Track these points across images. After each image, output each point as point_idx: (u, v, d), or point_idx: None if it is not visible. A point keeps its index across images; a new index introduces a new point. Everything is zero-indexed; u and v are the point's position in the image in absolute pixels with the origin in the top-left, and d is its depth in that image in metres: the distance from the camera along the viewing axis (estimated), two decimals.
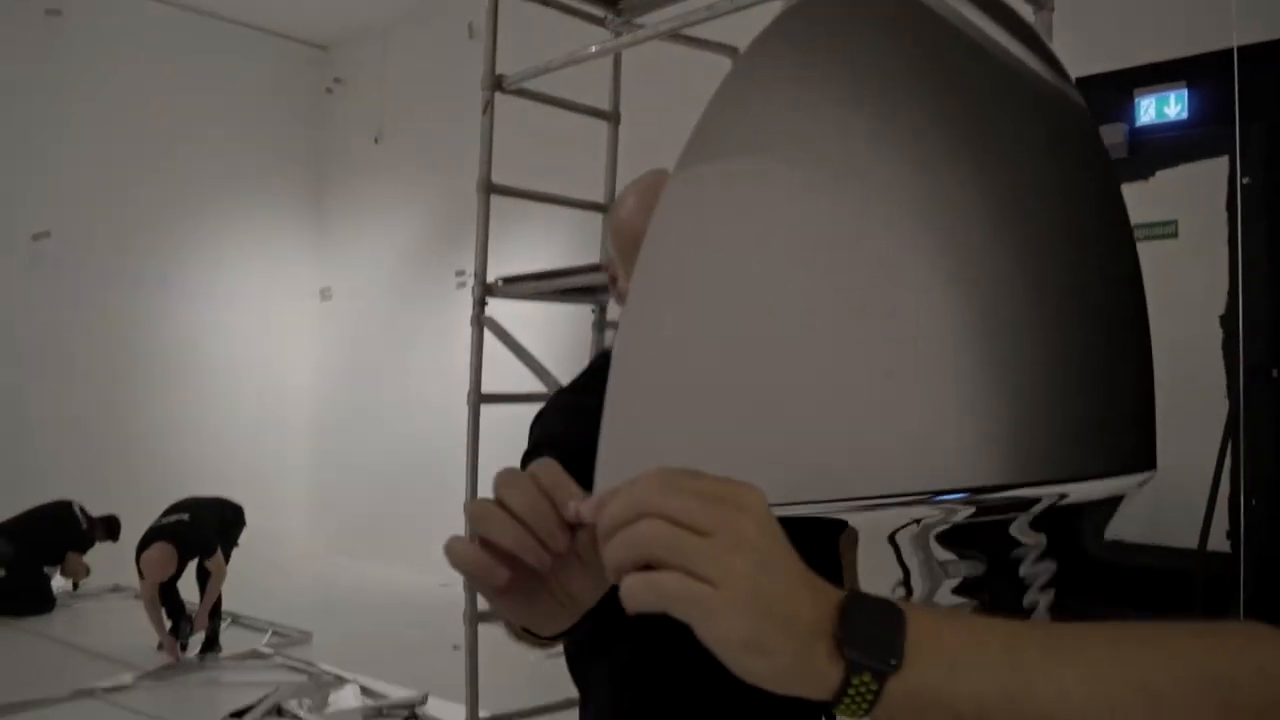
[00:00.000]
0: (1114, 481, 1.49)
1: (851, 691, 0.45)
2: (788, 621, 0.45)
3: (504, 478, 0.53)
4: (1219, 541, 3.79)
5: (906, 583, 0.77)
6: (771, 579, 0.45)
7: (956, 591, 0.79)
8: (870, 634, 0.45)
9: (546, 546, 0.52)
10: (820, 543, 0.64)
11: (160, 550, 4.80)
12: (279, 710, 4.14)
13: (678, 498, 0.46)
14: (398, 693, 4.37)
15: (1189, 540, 3.40)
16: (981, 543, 0.83)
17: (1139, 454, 1.60)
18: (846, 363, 0.72)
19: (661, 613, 0.45)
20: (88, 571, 6.11)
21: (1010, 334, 0.90)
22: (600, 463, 0.57)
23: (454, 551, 0.52)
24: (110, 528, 6.05)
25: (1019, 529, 0.87)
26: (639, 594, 0.45)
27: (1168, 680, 0.47)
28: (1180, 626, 0.50)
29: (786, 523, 0.49)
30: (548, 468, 0.53)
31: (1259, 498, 3.74)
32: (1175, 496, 3.58)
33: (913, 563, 0.77)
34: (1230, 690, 0.47)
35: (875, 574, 0.75)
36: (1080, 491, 1.32)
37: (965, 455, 0.76)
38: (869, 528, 0.73)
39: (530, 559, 0.52)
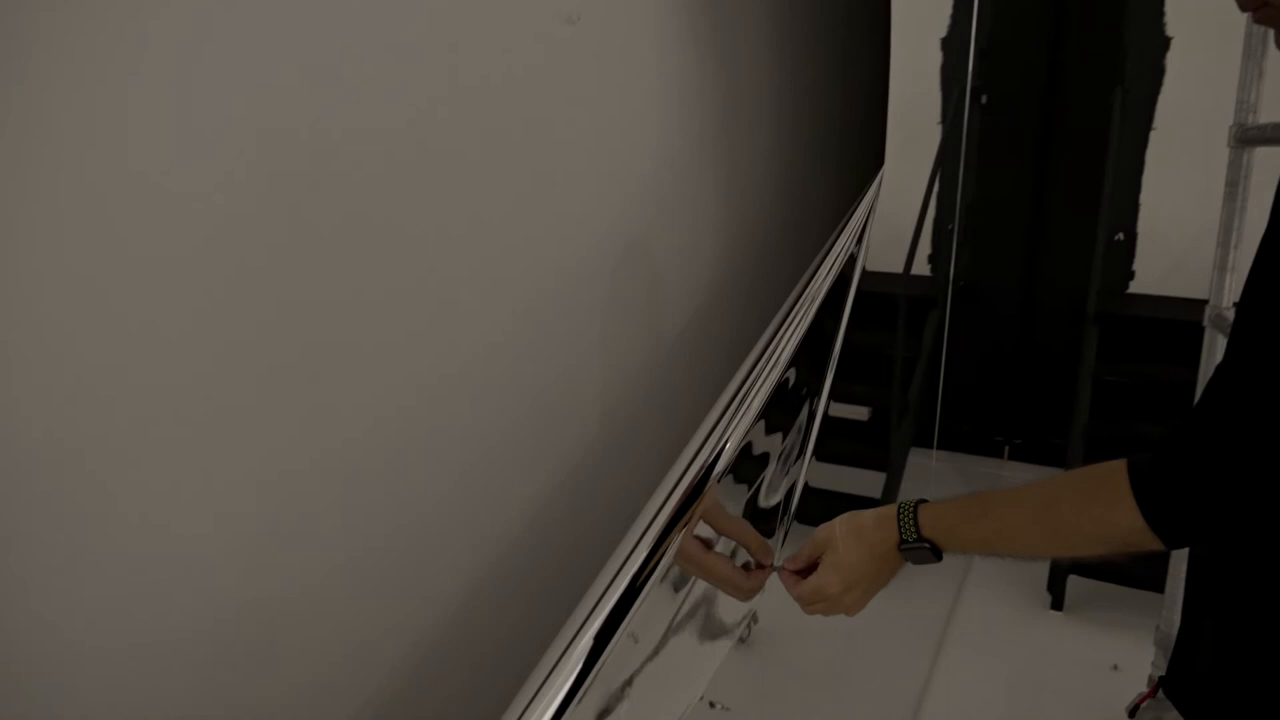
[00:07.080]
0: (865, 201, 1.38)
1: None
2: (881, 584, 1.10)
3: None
4: (922, 266, 3.99)
5: None
6: (867, 590, 1.08)
7: None
8: (920, 558, 1.05)
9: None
10: None
11: None
12: None
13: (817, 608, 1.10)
14: None
15: (899, 266, 3.53)
16: None
17: (878, 159, 1.48)
18: None
19: None
20: None
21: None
22: None
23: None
24: None
25: None
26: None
27: (1059, 525, 0.97)
28: (1056, 493, 0.98)
29: None
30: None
31: (955, 223, 3.93)
32: (895, 230, 3.67)
33: None
34: (1094, 524, 0.94)
35: None
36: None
37: None
38: None
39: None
